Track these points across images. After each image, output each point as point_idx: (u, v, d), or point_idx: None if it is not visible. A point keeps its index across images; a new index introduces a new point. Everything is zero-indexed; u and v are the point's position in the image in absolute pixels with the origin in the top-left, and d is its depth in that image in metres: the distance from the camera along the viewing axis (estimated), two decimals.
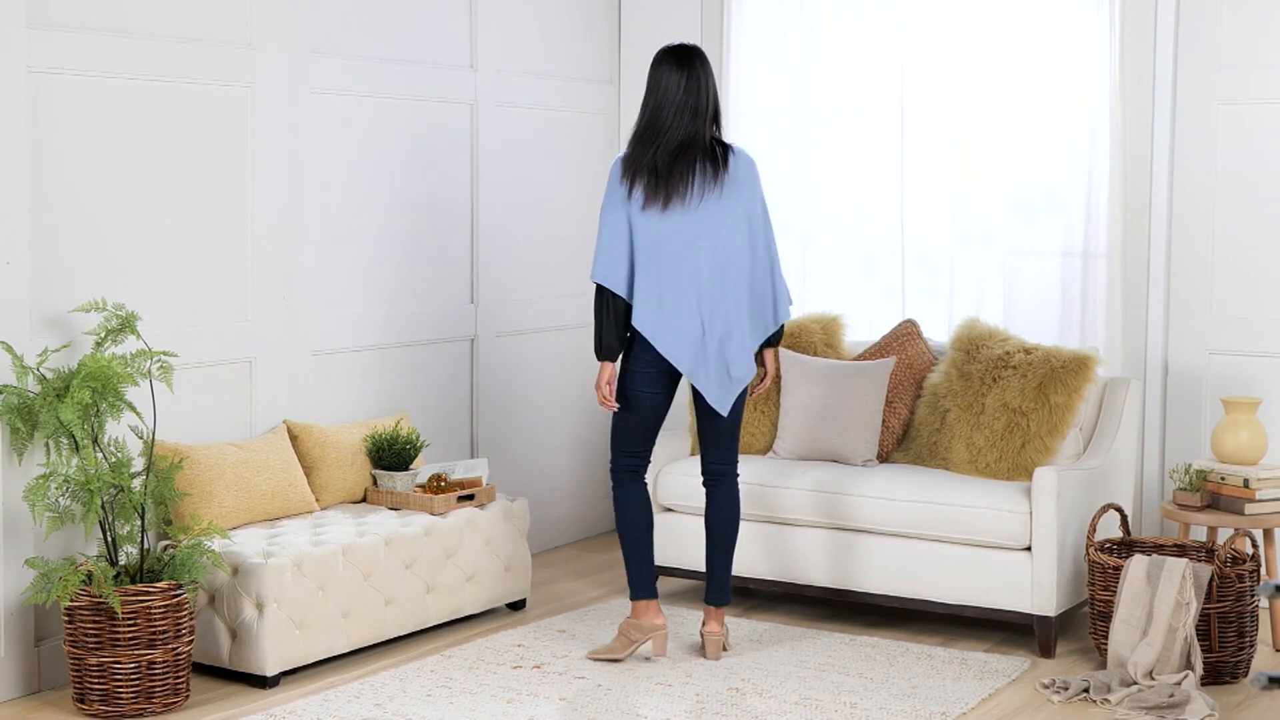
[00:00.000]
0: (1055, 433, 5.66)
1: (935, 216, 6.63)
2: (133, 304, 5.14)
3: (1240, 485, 5.49)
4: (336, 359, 5.97)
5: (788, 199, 6.91)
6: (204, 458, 5.25)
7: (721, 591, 5.36)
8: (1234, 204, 6.12)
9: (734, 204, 5.18)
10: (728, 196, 5.16)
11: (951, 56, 6.52)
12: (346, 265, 6.01)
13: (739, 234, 5.19)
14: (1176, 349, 6.23)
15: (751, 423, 6.16)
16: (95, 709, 4.75)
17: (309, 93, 5.78)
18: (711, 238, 5.15)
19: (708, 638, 5.33)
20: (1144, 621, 5.08)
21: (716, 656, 5.33)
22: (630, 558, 5.34)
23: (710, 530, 5.38)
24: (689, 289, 5.16)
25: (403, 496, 5.71)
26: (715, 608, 5.35)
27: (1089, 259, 6.31)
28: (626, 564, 5.35)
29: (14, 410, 4.80)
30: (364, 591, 5.28)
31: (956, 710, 4.86)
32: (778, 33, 6.87)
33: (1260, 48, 6.04)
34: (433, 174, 6.35)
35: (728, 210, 5.16)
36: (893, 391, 6.06)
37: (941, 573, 5.55)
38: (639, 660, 5.32)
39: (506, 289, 6.68)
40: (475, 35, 6.51)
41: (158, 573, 4.87)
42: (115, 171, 5.19)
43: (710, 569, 5.38)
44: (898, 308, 6.67)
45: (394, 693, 4.98)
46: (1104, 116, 6.23)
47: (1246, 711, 4.90)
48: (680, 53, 5.21)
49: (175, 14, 5.33)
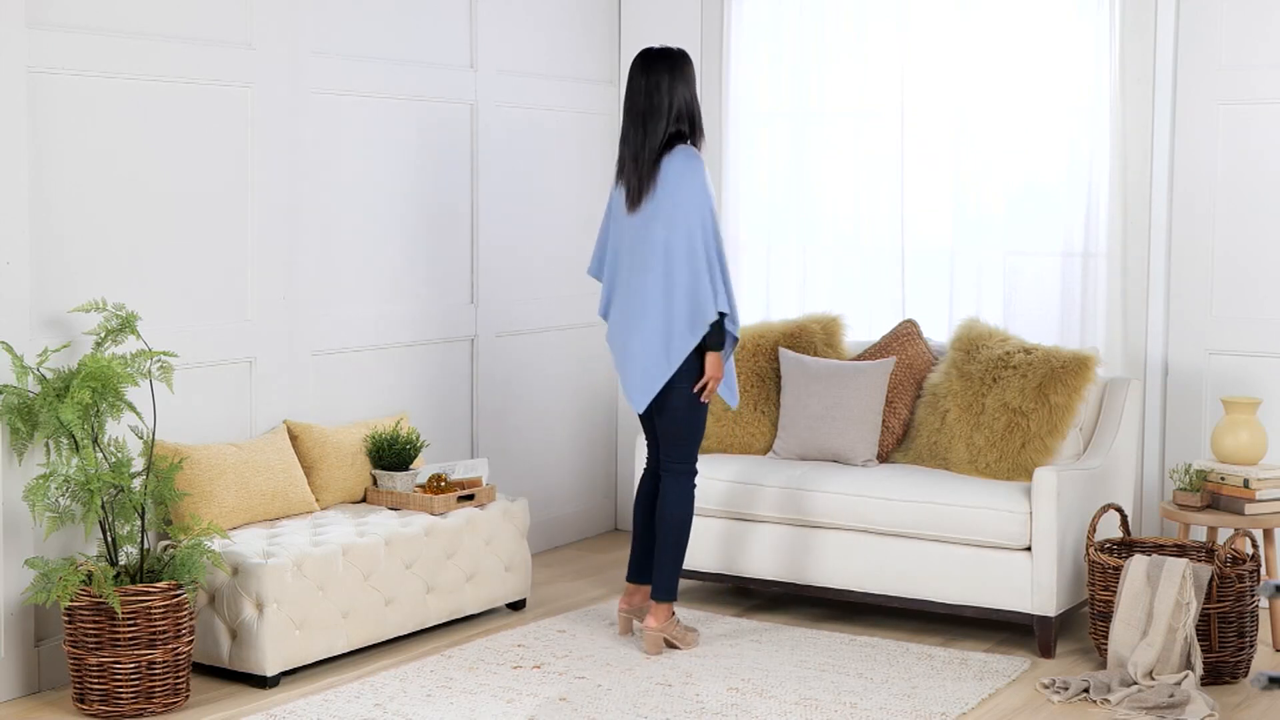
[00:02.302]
0: (1055, 433, 5.66)
1: (935, 216, 6.63)
2: (133, 304, 5.14)
3: (1240, 485, 5.49)
4: (336, 359, 5.97)
5: (788, 199, 6.92)
6: (204, 458, 5.25)
7: (656, 586, 5.43)
8: (1234, 204, 6.12)
9: (660, 204, 5.29)
10: (659, 196, 5.29)
11: (951, 57, 6.52)
12: (346, 265, 6.01)
13: (663, 233, 5.28)
14: (1176, 349, 6.23)
15: (751, 423, 6.16)
16: (95, 709, 4.76)
17: (309, 93, 5.78)
18: (645, 238, 5.32)
19: (644, 633, 5.41)
20: (1144, 622, 5.08)
21: (655, 650, 5.38)
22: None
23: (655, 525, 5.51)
24: (629, 289, 5.38)
25: (403, 496, 5.71)
26: (653, 601, 5.42)
27: (1089, 259, 6.31)
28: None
29: (14, 410, 4.80)
30: (364, 591, 5.28)
31: (956, 710, 4.86)
32: (778, 33, 6.87)
33: (1260, 48, 6.04)
34: (433, 174, 6.35)
35: (657, 210, 5.30)
36: (893, 391, 6.06)
37: (941, 573, 5.55)
38: (639, 660, 5.32)
39: (506, 289, 6.68)
40: (475, 35, 6.51)
41: (158, 573, 4.87)
42: (115, 171, 5.19)
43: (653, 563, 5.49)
44: (898, 308, 6.67)
45: (394, 693, 4.98)
46: (1104, 116, 6.23)
47: (1246, 711, 4.90)
48: (645, 56, 5.39)
49: (175, 14, 5.33)
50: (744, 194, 7.00)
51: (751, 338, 6.25)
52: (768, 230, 6.98)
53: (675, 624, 5.45)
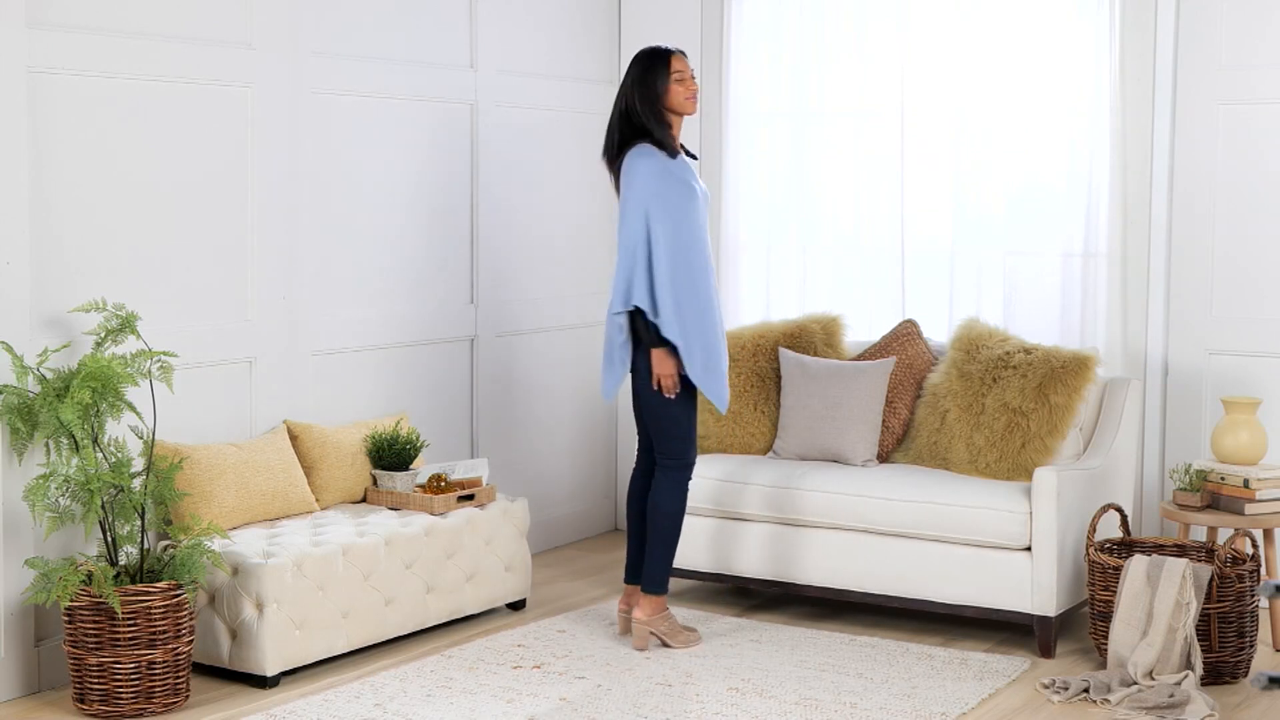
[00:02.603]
0: (1055, 433, 5.66)
1: (935, 216, 6.63)
2: (133, 304, 5.14)
3: (1240, 485, 5.49)
4: (336, 359, 5.97)
5: (788, 199, 6.91)
6: (204, 458, 5.25)
7: (645, 578, 5.48)
8: (1234, 204, 6.12)
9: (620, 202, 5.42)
10: (621, 194, 5.42)
11: (951, 57, 6.52)
12: (346, 265, 6.01)
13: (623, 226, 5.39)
14: (1176, 349, 6.23)
15: (751, 423, 6.16)
16: (95, 709, 4.75)
17: (309, 93, 5.78)
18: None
19: (633, 623, 5.47)
20: (1144, 621, 5.08)
21: (640, 645, 5.42)
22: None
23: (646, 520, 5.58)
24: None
25: (403, 496, 5.71)
26: (642, 594, 5.48)
27: (1089, 259, 6.31)
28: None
29: (14, 410, 4.80)
30: (364, 591, 5.28)
31: (956, 710, 4.86)
32: (778, 33, 6.87)
33: (1260, 48, 6.04)
34: (433, 174, 6.35)
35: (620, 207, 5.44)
36: (893, 391, 6.06)
37: (941, 573, 5.55)
38: (639, 660, 5.32)
39: (506, 289, 6.68)
40: (475, 35, 6.51)
41: (158, 573, 4.87)
42: (115, 171, 5.19)
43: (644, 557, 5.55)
44: (898, 308, 6.67)
45: (394, 693, 4.98)
46: (1104, 116, 6.23)
47: (1246, 711, 4.90)
48: (633, 59, 5.50)
49: (175, 14, 5.33)
50: (744, 194, 7.00)
51: (752, 338, 6.25)
52: (768, 230, 6.98)
53: (667, 619, 5.46)
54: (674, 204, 5.31)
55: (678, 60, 5.41)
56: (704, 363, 5.33)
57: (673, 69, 5.38)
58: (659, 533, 5.45)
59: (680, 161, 5.39)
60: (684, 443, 5.43)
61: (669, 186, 5.31)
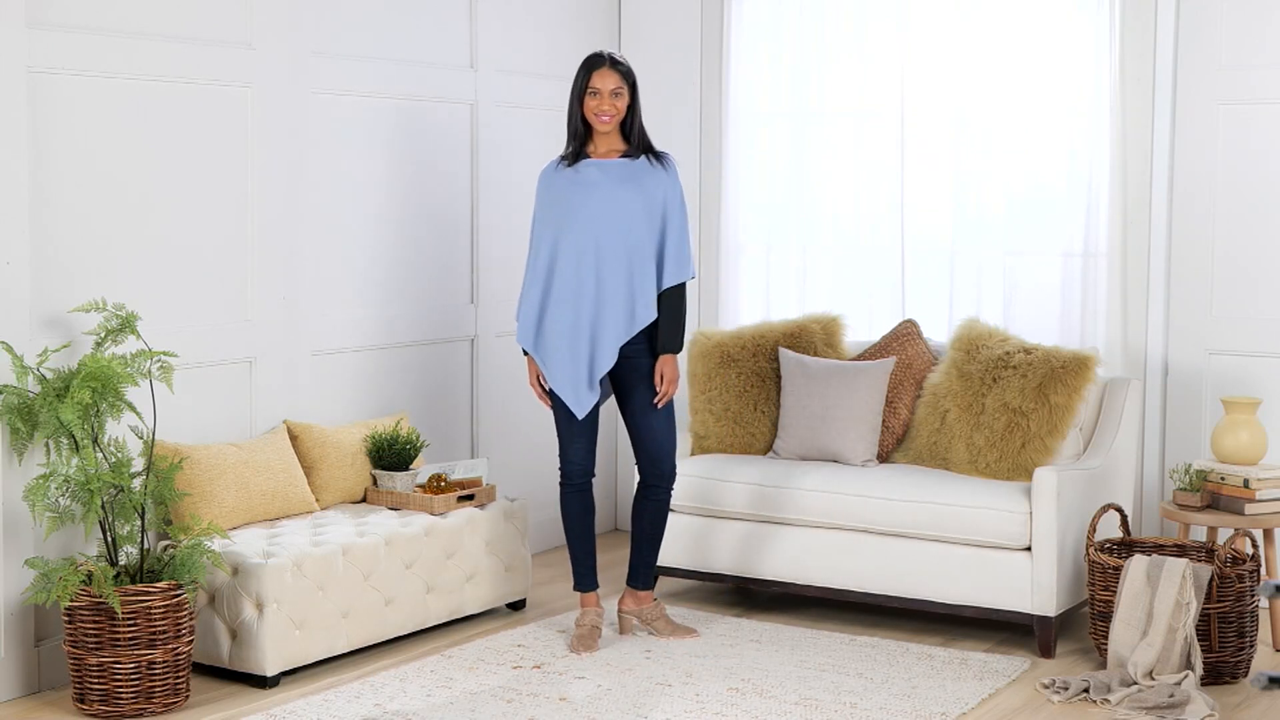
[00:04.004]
0: (1055, 433, 5.65)
1: (935, 216, 6.63)
2: (133, 304, 5.14)
3: (1240, 485, 5.49)
4: (336, 359, 5.97)
5: (788, 199, 6.91)
6: (204, 458, 5.25)
7: (639, 575, 5.62)
8: (1234, 204, 6.12)
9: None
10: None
11: (951, 56, 6.52)
12: (346, 265, 6.01)
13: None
14: (1176, 349, 6.23)
15: (751, 423, 6.16)
16: (95, 709, 4.75)
17: (309, 93, 5.78)
18: None
19: (620, 614, 5.63)
20: (1144, 622, 5.08)
21: (624, 629, 5.61)
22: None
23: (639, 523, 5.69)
24: None
25: (403, 496, 5.71)
26: (633, 589, 5.62)
27: (1089, 259, 6.31)
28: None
29: (14, 410, 4.80)
30: (364, 591, 5.28)
31: (956, 710, 4.86)
32: (778, 33, 6.87)
33: (1260, 48, 6.04)
34: (433, 174, 6.35)
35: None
36: (893, 391, 6.06)
37: (941, 573, 5.55)
38: (639, 660, 5.32)
39: (506, 289, 6.68)
40: (475, 35, 6.51)
41: (158, 573, 4.87)
42: (115, 171, 5.19)
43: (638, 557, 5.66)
44: (898, 308, 6.67)
45: (394, 693, 4.98)
46: (1104, 116, 6.23)
47: (1246, 711, 4.90)
48: None
49: (175, 14, 5.33)
50: (744, 194, 7.00)
51: (751, 338, 6.25)
52: (768, 230, 6.98)
53: (657, 608, 5.60)
54: (540, 216, 5.49)
55: (599, 76, 5.33)
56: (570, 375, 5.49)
57: (590, 84, 5.35)
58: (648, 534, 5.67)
59: (565, 171, 5.44)
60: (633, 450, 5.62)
61: (539, 197, 5.49)
